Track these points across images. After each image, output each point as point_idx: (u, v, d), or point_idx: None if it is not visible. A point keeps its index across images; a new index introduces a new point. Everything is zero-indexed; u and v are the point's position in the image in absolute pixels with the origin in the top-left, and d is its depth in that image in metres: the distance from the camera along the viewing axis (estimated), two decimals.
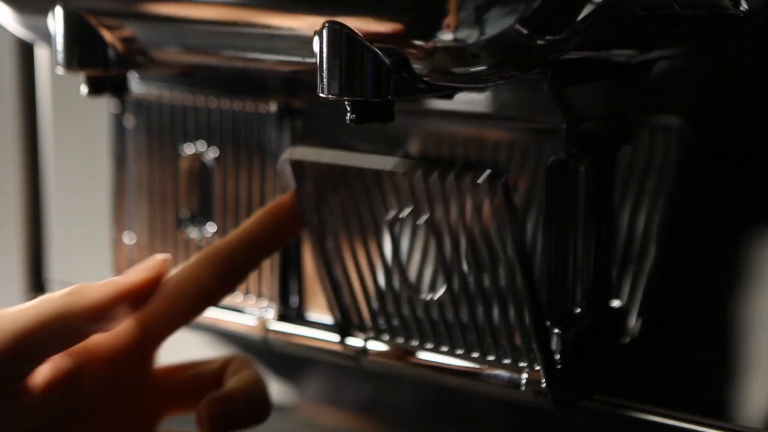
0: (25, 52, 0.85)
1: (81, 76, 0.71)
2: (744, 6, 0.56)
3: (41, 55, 0.83)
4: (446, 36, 0.59)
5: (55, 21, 0.69)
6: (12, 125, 0.87)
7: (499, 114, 0.68)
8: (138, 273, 0.67)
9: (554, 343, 0.67)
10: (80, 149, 0.84)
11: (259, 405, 0.69)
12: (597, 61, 0.66)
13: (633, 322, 0.71)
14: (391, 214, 0.70)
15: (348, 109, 0.63)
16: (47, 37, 0.71)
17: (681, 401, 0.71)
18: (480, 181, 0.66)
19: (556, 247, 0.67)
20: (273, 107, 0.75)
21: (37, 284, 0.89)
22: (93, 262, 0.84)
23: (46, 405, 0.67)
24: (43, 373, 0.66)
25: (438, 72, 0.61)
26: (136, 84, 0.77)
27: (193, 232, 0.78)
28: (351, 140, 0.72)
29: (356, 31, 0.60)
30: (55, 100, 0.83)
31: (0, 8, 0.72)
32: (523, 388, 0.67)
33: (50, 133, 0.84)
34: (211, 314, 0.75)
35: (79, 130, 0.84)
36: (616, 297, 0.71)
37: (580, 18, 0.59)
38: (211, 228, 0.77)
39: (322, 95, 0.62)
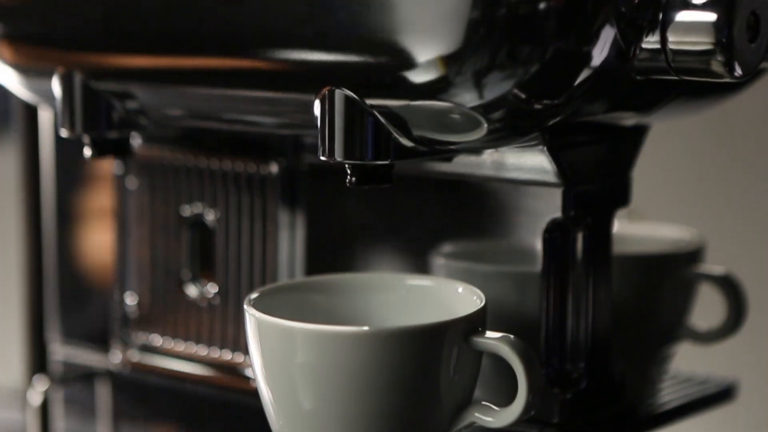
0: (29, 114, 0.86)
1: (85, 139, 0.72)
2: (738, 72, 0.57)
3: (45, 117, 0.84)
4: (445, 100, 0.60)
5: (59, 85, 0.70)
6: (16, 187, 0.88)
7: (497, 176, 0.69)
8: None
9: (553, 404, 0.68)
10: (83, 210, 0.85)
11: None
12: (594, 123, 0.67)
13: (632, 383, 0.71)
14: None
15: (348, 172, 0.63)
16: (51, 100, 0.72)
17: None
18: None
19: (554, 309, 0.67)
20: (274, 168, 0.75)
21: (39, 344, 0.89)
22: (96, 322, 0.84)
23: None
24: None
25: (437, 136, 0.62)
26: (138, 145, 0.78)
27: (194, 293, 0.78)
28: (353, 200, 0.73)
29: (356, 95, 0.61)
30: (59, 162, 0.84)
31: (5, 72, 0.73)
32: None
33: (52, 194, 0.84)
34: None
35: (82, 191, 0.84)
36: (615, 359, 0.71)
37: (577, 83, 0.60)
38: (212, 288, 0.78)
39: (322, 158, 0.62)
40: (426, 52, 0.59)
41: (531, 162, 0.68)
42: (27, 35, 0.71)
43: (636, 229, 0.81)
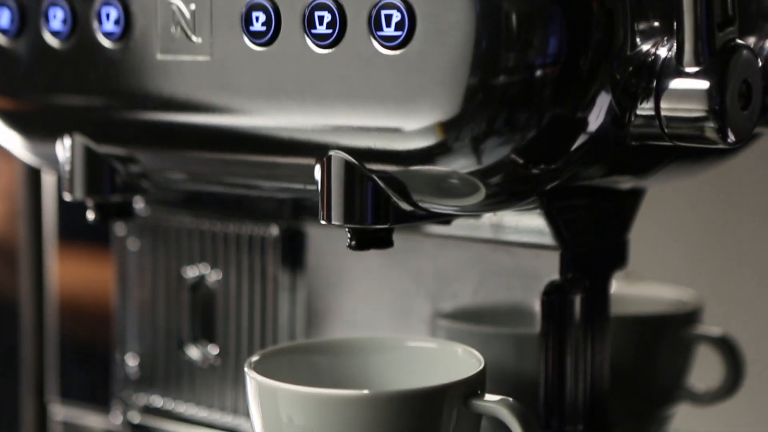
0: (33, 177, 0.87)
1: (88, 203, 0.73)
2: (731, 138, 0.58)
3: (48, 180, 0.85)
4: (444, 165, 0.61)
5: (63, 149, 0.71)
6: (19, 249, 0.88)
7: (495, 238, 0.70)
8: None
9: None
10: (85, 272, 0.85)
11: None
12: (591, 187, 0.68)
13: None
14: None
15: (348, 236, 0.64)
16: (55, 164, 0.73)
17: None
18: None
19: (552, 370, 0.68)
20: (274, 230, 0.76)
21: (40, 406, 0.90)
22: (97, 383, 0.85)
23: None
24: None
25: (436, 200, 0.63)
26: (140, 207, 0.79)
27: (195, 354, 0.79)
28: (353, 262, 0.74)
29: (356, 160, 0.62)
30: (61, 224, 0.85)
31: (9, 135, 0.74)
32: None
33: (55, 256, 0.85)
34: None
35: (84, 253, 0.85)
36: (614, 420, 0.72)
37: (573, 148, 0.61)
38: (213, 350, 0.78)
39: (323, 222, 0.63)
40: (425, 118, 0.60)
41: (529, 225, 0.68)
42: (31, 100, 0.72)
43: (634, 290, 0.82)
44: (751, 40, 0.65)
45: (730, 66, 0.58)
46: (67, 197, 0.72)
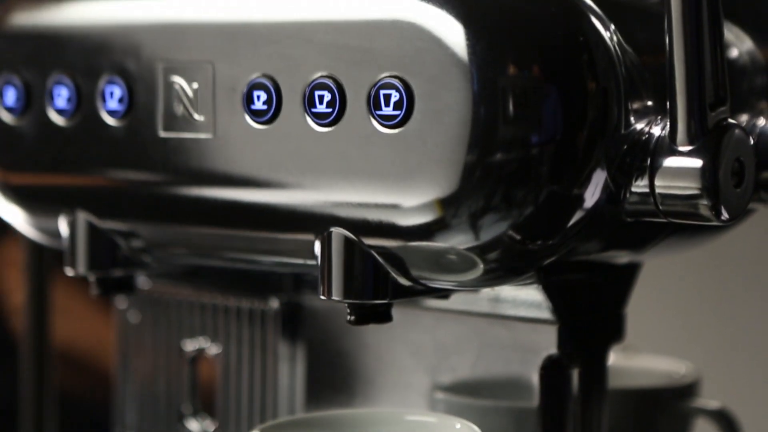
0: (35, 251, 0.88)
1: (90, 278, 0.73)
2: (725, 215, 0.59)
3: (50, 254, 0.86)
4: (442, 241, 0.61)
5: (66, 224, 0.72)
6: (21, 324, 0.89)
7: (493, 312, 0.70)
8: None
9: None
10: (86, 344, 0.86)
11: None
12: (588, 262, 0.68)
13: None
14: None
15: (348, 310, 0.65)
16: (58, 239, 0.73)
17: None
18: None
19: None
20: (274, 304, 0.77)
21: None
22: None
23: None
24: None
25: (434, 275, 0.63)
26: (141, 280, 0.79)
27: (195, 427, 0.79)
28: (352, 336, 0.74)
29: (355, 235, 0.63)
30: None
31: (12, 211, 0.75)
32: None
33: (57, 330, 0.86)
34: None
35: (85, 325, 0.86)
36: None
37: (570, 224, 0.61)
38: (212, 423, 0.78)
39: (323, 297, 0.64)
40: (423, 195, 0.61)
41: (527, 299, 0.69)
42: (34, 176, 0.73)
43: (631, 363, 0.82)
44: (743, 118, 0.66)
45: (723, 145, 0.59)
46: (70, 272, 0.73)
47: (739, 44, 0.69)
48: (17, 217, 0.75)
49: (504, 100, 0.60)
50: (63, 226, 0.72)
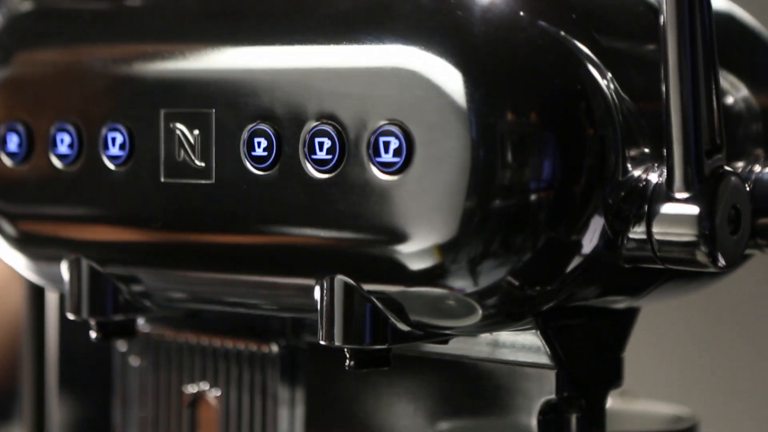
0: (36, 294, 0.88)
1: (91, 322, 0.74)
2: (721, 262, 0.60)
3: (52, 298, 0.86)
4: (441, 287, 0.62)
5: (68, 270, 0.72)
6: (22, 365, 0.89)
7: (492, 357, 0.71)
8: None
9: None
10: (87, 388, 0.86)
11: None
12: (586, 307, 0.69)
13: None
14: None
15: (347, 356, 0.65)
16: (59, 283, 0.74)
17: None
18: None
19: None
20: (274, 348, 0.77)
21: None
22: None
23: None
24: None
25: (433, 321, 0.64)
26: (142, 324, 0.80)
27: None
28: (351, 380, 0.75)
29: (355, 281, 0.63)
30: (63, 341, 0.86)
31: (13, 255, 0.75)
32: None
33: (57, 372, 0.86)
34: None
35: (87, 369, 0.86)
36: None
37: (568, 270, 0.62)
38: None
39: (322, 342, 0.64)
40: (422, 241, 0.61)
41: (525, 344, 0.69)
42: (36, 221, 0.74)
43: (629, 408, 0.82)
44: (740, 164, 0.67)
45: (719, 192, 0.60)
46: (71, 317, 0.73)
47: (734, 91, 0.69)
48: (18, 262, 0.75)
49: (502, 147, 0.60)
50: (64, 271, 0.73)
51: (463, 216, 0.60)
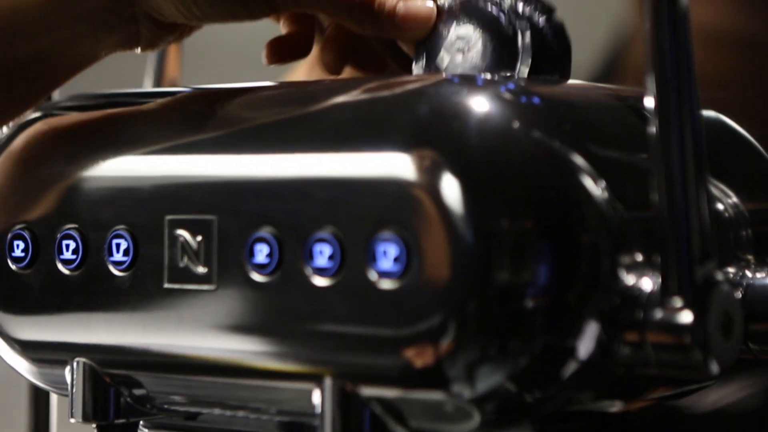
0: (40, 397, 0.89)
1: (93, 426, 0.74)
2: (715, 368, 0.61)
3: (54, 399, 0.87)
4: (439, 391, 0.63)
5: (71, 373, 0.73)
6: None
7: None
8: None
9: None
10: None
11: None
12: (583, 411, 0.70)
13: None
14: None
15: None
16: (61, 387, 0.75)
17: None
18: None
19: None
20: None
21: None
22: None
23: None
24: None
25: (432, 425, 0.65)
26: (142, 426, 0.80)
27: None
28: None
29: (354, 385, 0.64)
30: None
31: (17, 361, 0.76)
32: None
33: None
34: None
35: None
36: None
37: (565, 376, 0.63)
38: None
39: None
40: (420, 346, 0.62)
41: None
42: (40, 326, 0.75)
43: None
44: (731, 270, 0.68)
45: (711, 300, 0.61)
46: (73, 421, 0.74)
47: (724, 198, 0.71)
48: (21, 365, 0.76)
49: (499, 255, 0.62)
50: (67, 375, 0.73)
51: (460, 322, 0.62)
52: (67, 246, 0.72)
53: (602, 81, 0.80)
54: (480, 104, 0.64)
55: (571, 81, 0.72)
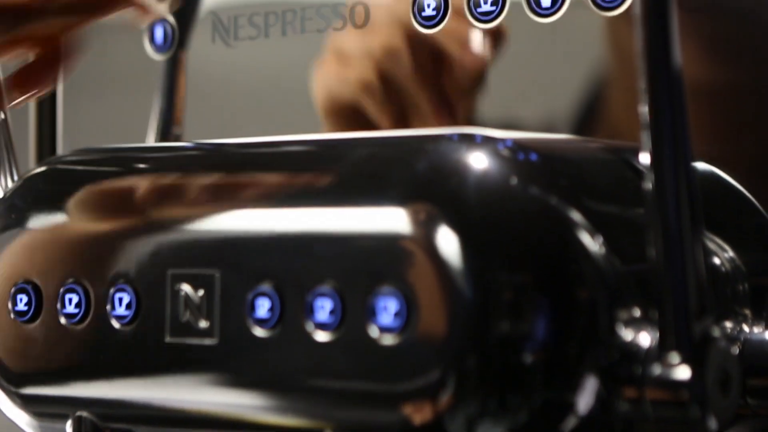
0: None
1: None
2: (713, 424, 0.61)
3: None
4: None
5: (72, 427, 0.73)
6: None
7: None
8: None
9: None
10: None
11: None
12: None
13: None
14: None
15: None
16: None
17: None
18: None
19: None
20: None
21: None
22: None
23: None
24: None
25: None
26: None
27: None
28: None
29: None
30: None
31: (18, 415, 0.76)
32: None
33: None
34: None
35: None
36: None
37: (566, 431, 0.63)
38: None
39: None
40: (421, 400, 0.63)
41: None
42: (41, 379, 0.75)
43: None
44: (729, 325, 0.69)
45: (709, 356, 0.62)
46: None
47: (720, 252, 0.72)
48: (22, 419, 0.77)
49: (497, 309, 0.62)
50: (68, 429, 0.74)
51: (460, 376, 0.62)
52: (70, 300, 0.73)
53: (579, 130, 0.81)
54: (478, 161, 0.64)
55: (566, 136, 0.73)
